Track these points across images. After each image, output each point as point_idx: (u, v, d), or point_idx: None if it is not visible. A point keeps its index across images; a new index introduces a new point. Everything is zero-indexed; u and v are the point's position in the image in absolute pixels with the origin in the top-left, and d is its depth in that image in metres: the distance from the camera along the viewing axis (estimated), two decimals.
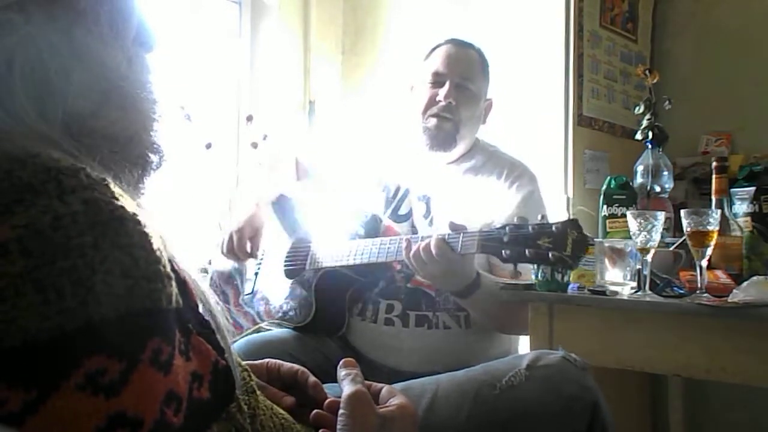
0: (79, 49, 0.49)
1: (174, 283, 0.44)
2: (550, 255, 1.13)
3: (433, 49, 1.62)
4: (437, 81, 1.55)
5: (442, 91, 1.53)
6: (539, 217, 1.23)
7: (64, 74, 0.47)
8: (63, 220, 0.39)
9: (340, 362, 0.71)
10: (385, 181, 1.63)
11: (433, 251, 1.23)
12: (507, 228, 1.19)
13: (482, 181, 1.55)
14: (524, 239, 1.16)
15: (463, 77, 1.55)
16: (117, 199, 0.42)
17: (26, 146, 0.42)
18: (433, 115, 1.53)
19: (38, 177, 0.40)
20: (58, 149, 0.43)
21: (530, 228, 1.16)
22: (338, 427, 0.62)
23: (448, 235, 1.26)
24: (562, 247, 1.12)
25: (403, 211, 1.57)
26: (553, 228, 1.14)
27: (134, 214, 0.42)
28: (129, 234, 0.41)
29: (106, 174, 0.44)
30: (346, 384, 0.67)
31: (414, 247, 1.27)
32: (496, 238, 1.19)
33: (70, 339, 0.37)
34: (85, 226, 0.39)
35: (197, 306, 0.49)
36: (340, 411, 0.63)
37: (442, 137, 1.53)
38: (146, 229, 0.42)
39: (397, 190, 1.61)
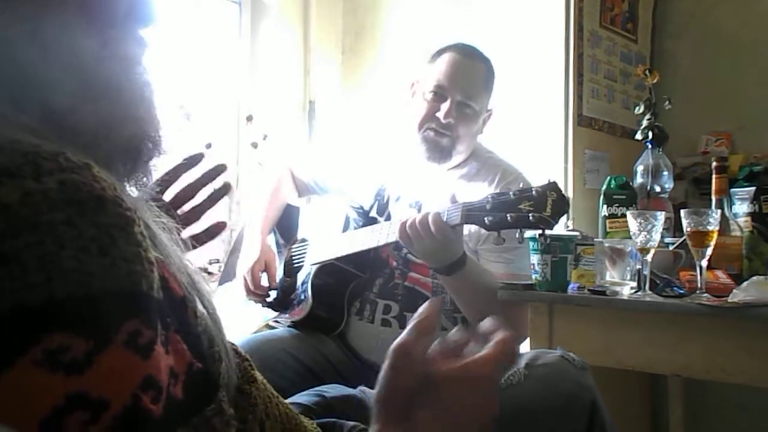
0: (47, 36, 0.47)
1: (156, 271, 0.42)
2: (530, 216, 1.16)
3: (440, 52, 1.57)
4: (439, 94, 1.52)
5: (444, 107, 1.50)
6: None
7: (34, 63, 0.46)
8: (33, 197, 0.37)
9: (426, 302, 0.61)
10: (379, 186, 1.62)
11: (432, 227, 1.25)
12: (490, 197, 1.22)
13: (474, 187, 1.52)
14: (506, 205, 1.19)
15: (465, 95, 1.51)
16: (98, 182, 0.40)
17: (7, 134, 0.40)
18: (430, 129, 1.52)
19: (15, 161, 0.38)
20: (39, 137, 0.42)
21: (512, 194, 1.20)
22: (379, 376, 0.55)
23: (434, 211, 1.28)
24: (542, 208, 1.15)
25: (395, 217, 1.55)
26: (533, 192, 1.18)
27: (116, 197, 0.41)
28: (108, 215, 0.40)
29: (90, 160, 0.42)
30: (406, 330, 0.58)
31: (409, 221, 1.29)
32: (479, 207, 1.22)
33: (30, 315, 0.36)
34: (60, 203, 0.38)
35: (183, 304, 0.47)
36: (385, 362, 0.56)
37: (439, 150, 1.52)
38: (128, 213, 0.41)
39: (389, 196, 1.60)
